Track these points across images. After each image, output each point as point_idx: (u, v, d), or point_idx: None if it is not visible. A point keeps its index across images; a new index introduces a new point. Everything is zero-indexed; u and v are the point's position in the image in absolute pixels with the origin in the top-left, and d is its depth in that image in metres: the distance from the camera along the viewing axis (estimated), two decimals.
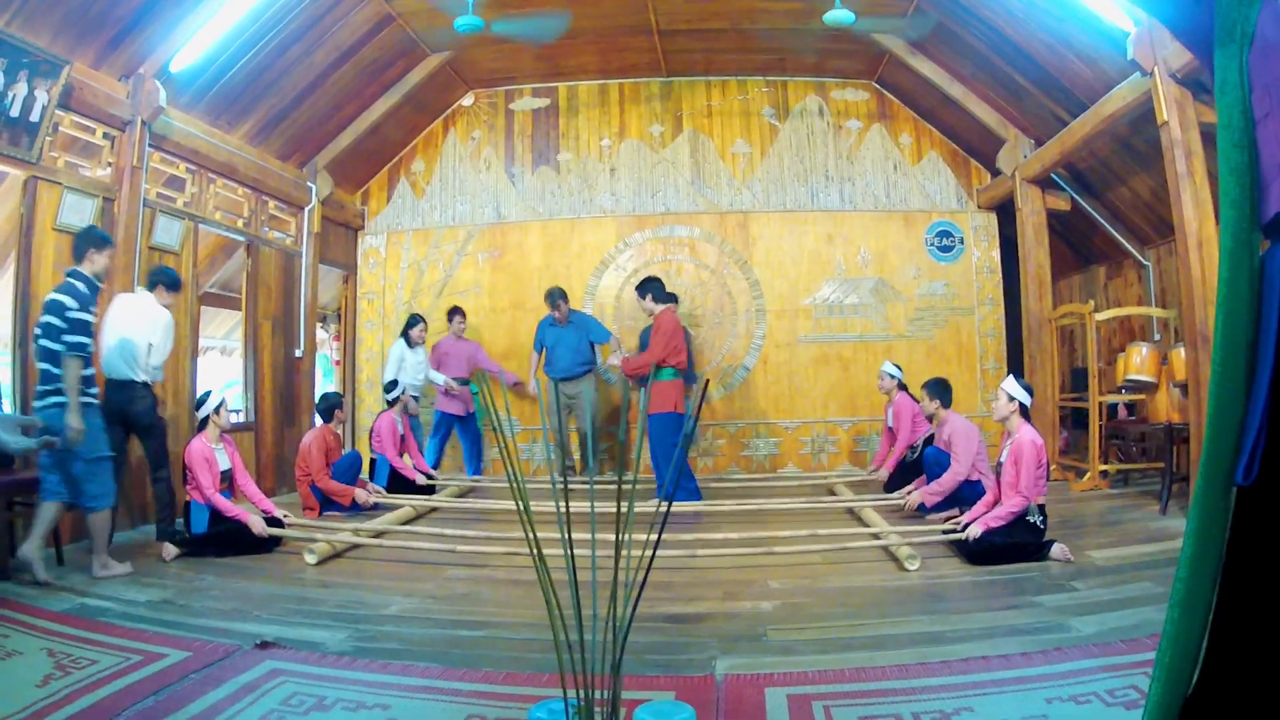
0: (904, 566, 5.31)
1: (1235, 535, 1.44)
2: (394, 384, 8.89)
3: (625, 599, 2.35)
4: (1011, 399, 5.66)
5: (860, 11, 7.76)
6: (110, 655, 3.70)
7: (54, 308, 5.28)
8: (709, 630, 4.19)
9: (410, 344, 9.54)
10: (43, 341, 5.29)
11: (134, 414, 6.38)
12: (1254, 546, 1.40)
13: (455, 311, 9.96)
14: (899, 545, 5.54)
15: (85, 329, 5.36)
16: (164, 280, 6.69)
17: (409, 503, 7.69)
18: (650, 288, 8.27)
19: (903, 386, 8.42)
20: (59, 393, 5.24)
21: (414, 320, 9.67)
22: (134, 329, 6.43)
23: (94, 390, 5.51)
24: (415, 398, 9.45)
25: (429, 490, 8.63)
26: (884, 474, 8.20)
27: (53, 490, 5.32)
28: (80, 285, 5.40)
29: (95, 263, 5.60)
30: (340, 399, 8.29)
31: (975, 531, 5.40)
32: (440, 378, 9.60)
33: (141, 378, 6.42)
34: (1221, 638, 1.43)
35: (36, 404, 5.31)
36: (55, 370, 5.26)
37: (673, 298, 8.44)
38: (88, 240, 5.65)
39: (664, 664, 3.63)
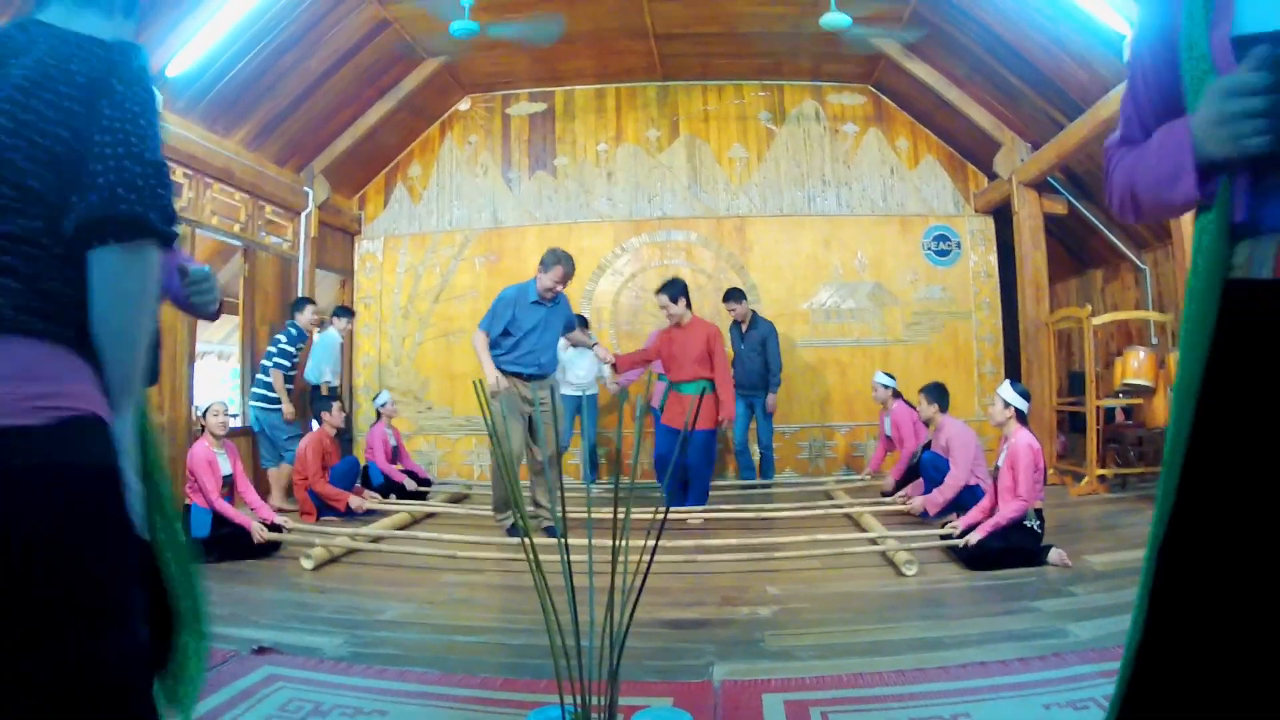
0: (901, 571, 5.31)
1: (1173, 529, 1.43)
2: (378, 396, 9.34)
3: (622, 605, 2.34)
4: (1008, 405, 5.66)
5: (856, 16, 7.77)
6: None
7: (275, 341, 8.54)
8: (706, 636, 4.19)
9: (573, 344, 8.44)
10: (263, 362, 8.50)
11: (315, 409, 8.89)
12: (1189, 542, 1.40)
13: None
14: (896, 550, 5.55)
15: (290, 357, 8.52)
16: (338, 311, 9.55)
17: (405, 508, 7.68)
18: (685, 292, 7.59)
19: (897, 394, 8.40)
20: (261, 398, 8.41)
21: (579, 321, 8.60)
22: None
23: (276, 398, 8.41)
24: (589, 396, 9.34)
25: (422, 496, 8.63)
26: (889, 482, 8.10)
27: (266, 458, 8.52)
28: (294, 330, 8.63)
29: (302, 318, 8.74)
30: (330, 402, 8.28)
31: (973, 538, 5.40)
32: (614, 384, 9.04)
33: (316, 382, 8.96)
34: (1157, 632, 1.42)
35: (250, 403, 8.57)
36: (267, 379, 8.38)
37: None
38: (300, 304, 8.90)
39: (661, 670, 3.63)
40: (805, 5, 8.43)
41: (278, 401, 8.39)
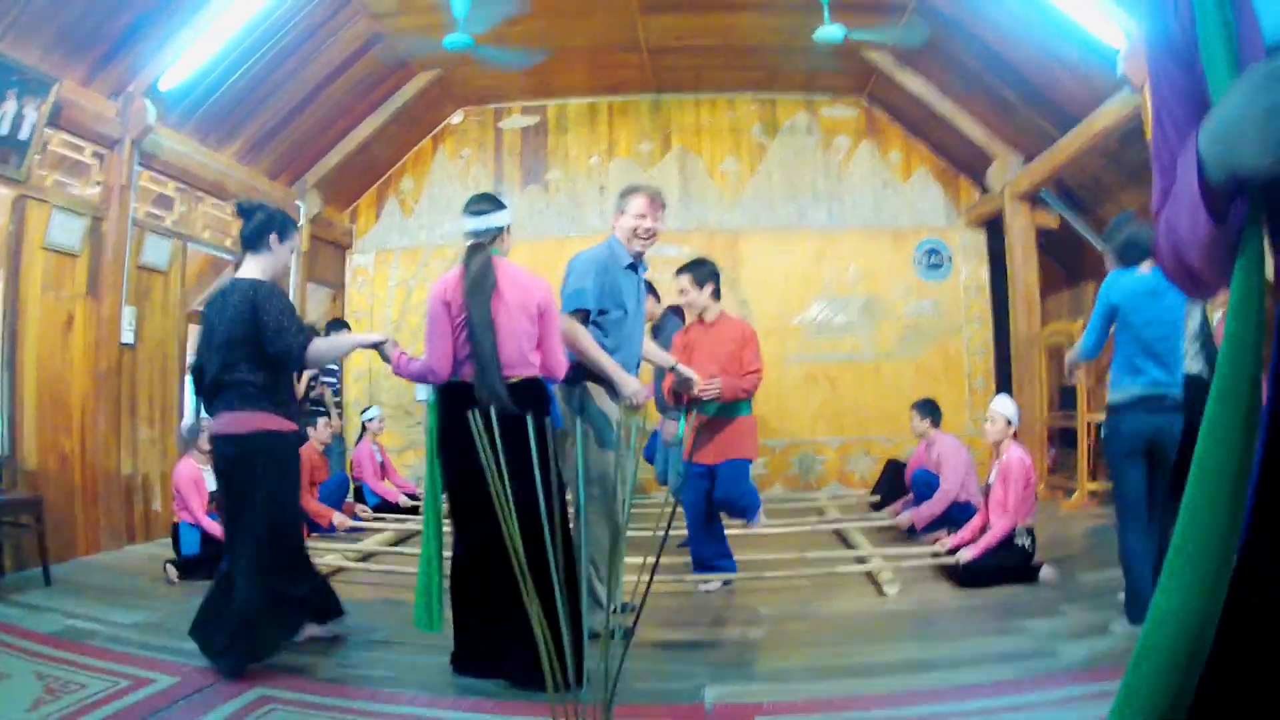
0: (883, 591, 5.31)
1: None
2: (365, 410, 9.27)
3: (618, 628, 2.34)
4: (1010, 422, 5.65)
5: (851, 23, 7.75)
6: (99, 679, 3.68)
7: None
8: (699, 657, 4.19)
9: None
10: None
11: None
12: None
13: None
14: (880, 569, 5.56)
15: (334, 375, 9.64)
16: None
17: (391, 526, 7.64)
18: (715, 278, 5.70)
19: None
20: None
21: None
22: None
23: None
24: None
25: (415, 511, 8.59)
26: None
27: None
28: None
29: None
30: (314, 418, 8.30)
31: (965, 556, 5.40)
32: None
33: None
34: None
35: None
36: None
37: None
38: (336, 326, 9.05)
39: (653, 693, 3.61)
40: (799, 17, 8.42)
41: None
